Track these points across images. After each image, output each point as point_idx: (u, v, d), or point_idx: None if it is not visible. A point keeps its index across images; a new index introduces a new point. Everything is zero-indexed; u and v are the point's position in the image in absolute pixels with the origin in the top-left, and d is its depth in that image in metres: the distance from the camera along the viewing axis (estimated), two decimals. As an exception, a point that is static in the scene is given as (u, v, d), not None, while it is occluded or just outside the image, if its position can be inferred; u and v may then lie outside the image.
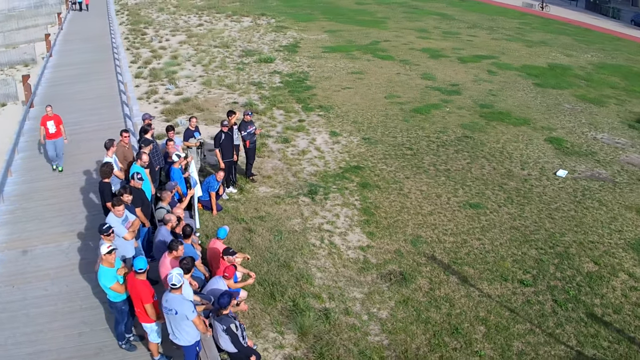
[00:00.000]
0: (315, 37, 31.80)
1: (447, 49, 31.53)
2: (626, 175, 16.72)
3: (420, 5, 46.91)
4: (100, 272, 7.69)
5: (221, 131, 13.06)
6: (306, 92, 21.87)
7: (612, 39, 41.75)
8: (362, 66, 26.27)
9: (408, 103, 21.56)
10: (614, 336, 10.00)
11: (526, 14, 49.95)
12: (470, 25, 40.03)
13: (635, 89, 27.00)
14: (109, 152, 10.99)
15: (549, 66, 30.01)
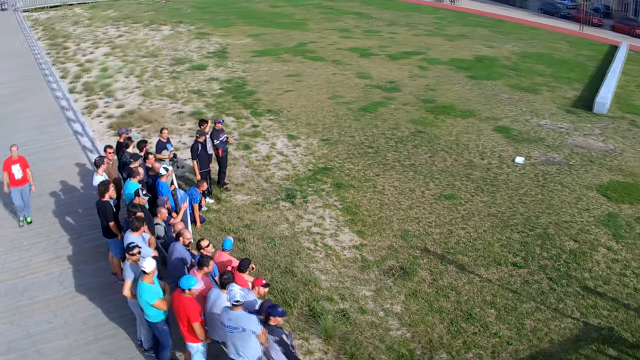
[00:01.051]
0: (240, 42, 32.28)
1: (374, 47, 33.04)
2: (578, 158, 18.55)
3: (335, 6, 48.70)
4: (141, 290, 7.67)
5: (197, 141, 13.16)
6: (250, 97, 22.22)
7: (526, 28, 45.50)
8: (296, 68, 26.99)
9: (353, 102, 22.48)
10: (610, 305, 11.25)
11: (439, 8, 53.18)
12: (388, 22, 42.11)
13: (562, 75, 29.78)
14: (99, 170, 10.79)
15: (476, 58, 32.28)
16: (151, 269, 7.61)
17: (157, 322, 7.82)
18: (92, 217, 12.52)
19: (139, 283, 7.72)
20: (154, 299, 7.65)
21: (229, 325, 7.20)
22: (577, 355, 9.87)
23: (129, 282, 8.17)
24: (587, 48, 39.54)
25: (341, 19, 41.87)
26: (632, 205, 15.39)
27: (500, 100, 24.49)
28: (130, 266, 8.08)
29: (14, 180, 12.03)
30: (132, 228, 8.64)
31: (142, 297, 7.67)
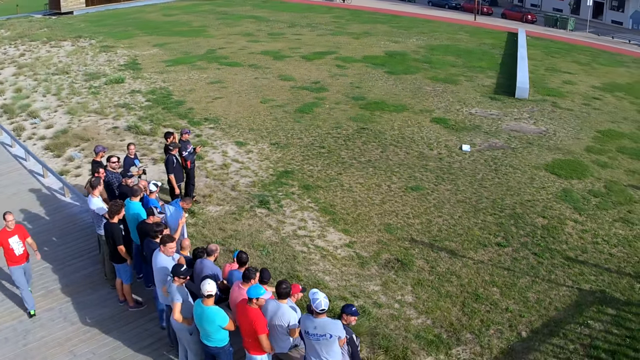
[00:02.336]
0: (148, 53, 32.00)
1: (285, 50, 34.02)
2: (517, 141, 20.49)
3: (229, 11, 49.45)
4: (211, 314, 7.60)
5: (171, 154, 13.21)
6: (180, 107, 22.23)
7: (423, 22, 48.59)
8: (216, 75, 27.26)
9: (287, 105, 23.18)
10: (594, 270, 12.82)
11: (332, 7, 55.35)
12: (289, 24, 43.41)
13: (474, 64, 32.33)
14: (95, 192, 10.52)
15: (387, 54, 34.17)
16: (215, 291, 7.67)
17: (224, 346, 7.89)
18: (72, 244, 12.20)
19: (206, 308, 7.68)
20: (226, 321, 7.72)
21: (315, 334, 7.30)
22: (582, 318, 11.18)
23: (179, 305, 8.05)
24: (487, 37, 42.96)
25: (240, 24, 42.63)
26: (580, 179, 17.34)
27: (426, 92, 26.20)
28: (178, 288, 8.07)
29: (14, 257, 9.93)
30: (162, 244, 8.61)
31: (213, 322, 7.66)
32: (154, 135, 18.92)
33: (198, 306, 7.79)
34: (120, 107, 21.89)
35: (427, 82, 28.11)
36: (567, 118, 23.38)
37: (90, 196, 10.43)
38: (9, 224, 9.85)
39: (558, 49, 40.07)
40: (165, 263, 8.37)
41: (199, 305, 7.78)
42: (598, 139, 21.04)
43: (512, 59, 34.87)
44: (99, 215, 10.19)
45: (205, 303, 7.70)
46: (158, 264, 8.49)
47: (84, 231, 12.81)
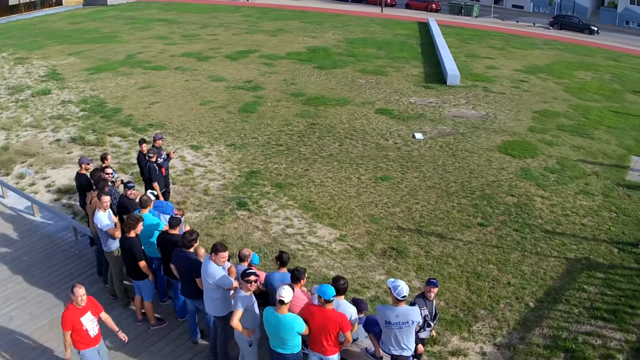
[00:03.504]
0: (66, 62, 31.01)
1: (206, 50, 34.02)
2: (463, 126, 21.84)
3: (135, 15, 48.63)
4: (290, 321, 7.52)
5: (151, 161, 13.15)
6: (118, 114, 21.81)
7: (332, 16, 49.94)
8: (144, 80, 26.89)
9: (228, 105, 23.33)
10: (573, 240, 14.11)
11: (239, 6, 55.74)
12: (201, 25, 43.37)
13: (396, 55, 33.80)
14: (102, 206, 10.31)
15: (309, 50, 34.97)
16: (290, 298, 7.69)
17: (299, 352, 7.86)
18: (61, 266, 11.81)
19: (282, 316, 7.54)
20: (304, 326, 7.67)
21: (397, 322, 7.58)
22: (577, 284, 12.33)
23: (239, 313, 7.89)
24: (399, 27, 44.82)
25: (151, 27, 42.15)
26: (533, 158, 18.82)
27: (361, 85, 27.15)
28: (245, 296, 7.95)
29: (88, 339, 8.04)
30: (214, 253, 8.63)
31: (292, 329, 7.56)
32: (103, 145, 18.46)
33: (271, 315, 7.64)
34: (56, 119, 21.10)
35: (359, 75, 29.00)
36: (502, 101, 25.01)
37: (97, 211, 10.16)
38: (79, 299, 7.84)
39: (471, 36, 42.47)
40: (216, 272, 8.40)
41: (272, 314, 7.63)
42: (537, 119, 22.73)
43: (430, 48, 36.66)
44: (106, 232, 9.98)
45: (280, 311, 7.59)
46: (210, 274, 8.47)
47: (69, 251, 12.40)
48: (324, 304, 7.49)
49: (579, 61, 34.83)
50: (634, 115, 23.71)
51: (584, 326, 10.99)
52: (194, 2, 55.76)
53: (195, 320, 9.38)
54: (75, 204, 14.68)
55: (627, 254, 13.32)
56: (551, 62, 33.97)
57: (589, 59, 35.70)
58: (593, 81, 29.55)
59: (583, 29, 49.36)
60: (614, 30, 51.81)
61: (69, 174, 16.30)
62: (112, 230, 9.56)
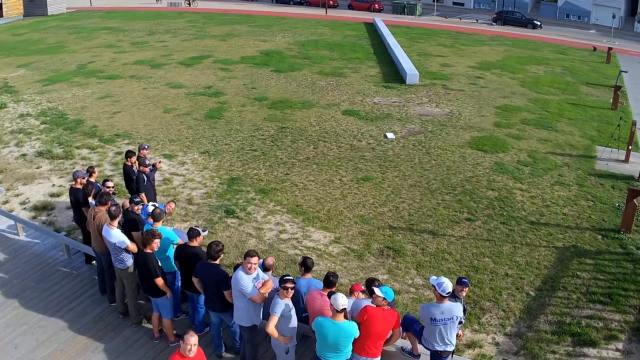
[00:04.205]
0: (16, 74, 30.14)
1: (158, 57, 33.74)
2: (431, 124, 22.54)
3: (78, 25, 47.78)
4: (348, 328, 7.58)
5: (141, 172, 13.12)
6: (81, 126, 21.47)
7: (278, 19, 50.42)
8: (101, 90, 26.52)
9: (193, 112, 23.29)
10: (558, 230, 14.88)
11: (182, 12, 55.34)
12: (147, 32, 42.95)
13: (350, 56, 34.42)
14: (114, 222, 10.03)
15: (262, 53, 35.20)
16: (345, 305, 7.68)
17: (350, 357, 7.96)
18: (58, 287, 11.51)
19: (341, 323, 7.58)
20: (358, 332, 7.83)
21: (442, 318, 7.85)
22: (570, 270, 13.04)
23: (275, 319, 7.91)
24: (346, 29, 45.54)
25: (96, 36, 41.47)
26: (505, 152, 19.64)
27: (322, 87, 27.55)
28: (283, 302, 7.97)
29: None
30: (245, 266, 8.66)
31: (350, 335, 7.64)
32: (72, 158, 18.17)
33: (329, 323, 7.63)
34: (17, 133, 20.53)
35: (318, 77, 29.39)
36: (463, 98, 25.88)
37: (108, 228, 10.06)
38: (189, 349, 7.04)
39: (419, 35, 43.56)
40: (241, 279, 8.47)
41: (330, 322, 7.63)
42: (500, 114, 23.65)
43: (382, 48, 37.42)
44: (121, 249, 9.92)
45: (338, 318, 7.45)
46: (237, 280, 8.57)
47: (63, 270, 12.13)
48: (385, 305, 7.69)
49: (528, 56, 36.25)
50: (590, 106, 24.95)
51: (584, 310, 11.60)
52: (136, 9, 55.04)
53: (219, 333, 9.39)
54: (56, 220, 14.40)
55: (610, 239, 14.11)
56: (502, 57, 35.25)
57: (538, 53, 37.21)
58: (546, 75, 30.85)
59: (526, 24, 51.33)
60: (555, 24, 54.10)
61: (43, 190, 16.02)
62: (131, 246, 9.48)
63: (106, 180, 11.61)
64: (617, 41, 45.22)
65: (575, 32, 49.51)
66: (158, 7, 56.10)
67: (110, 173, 16.96)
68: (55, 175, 16.92)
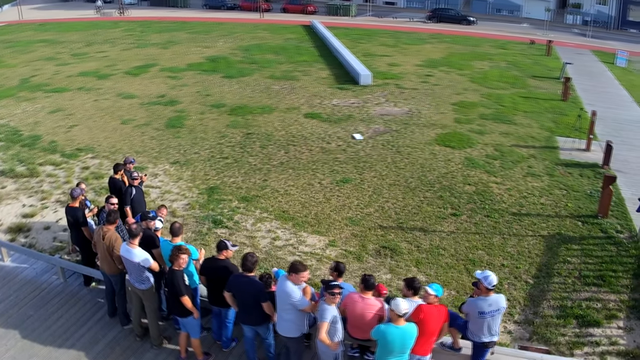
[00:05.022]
0: None
1: (102, 68, 33.07)
2: (394, 124, 23.18)
3: (12, 39, 46.14)
4: (412, 330, 7.71)
5: (131, 186, 13.05)
6: (39, 142, 20.87)
7: (215, 25, 50.49)
8: (51, 104, 25.81)
9: (151, 122, 23.03)
10: (540, 219, 15.68)
11: (117, 21, 54.41)
12: (86, 43, 42.00)
13: (297, 59, 34.88)
14: (135, 241, 9.47)
15: (209, 60, 35.15)
16: (407, 310, 7.80)
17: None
18: (60, 313, 11.08)
19: (404, 327, 7.69)
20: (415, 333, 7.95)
21: (490, 311, 8.17)
22: (561, 257, 13.81)
23: (326, 325, 7.95)
24: (286, 32, 45.90)
25: (33, 49, 40.17)
26: (472, 147, 20.45)
27: (277, 91, 27.80)
28: (330, 308, 8.02)
29: None
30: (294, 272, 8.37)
31: (413, 336, 7.79)
32: (37, 176, 17.68)
33: (393, 329, 7.59)
34: (-28, 152, 19.73)
35: (270, 82, 29.58)
36: (418, 97, 26.67)
37: (129, 247, 9.89)
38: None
39: (359, 35, 44.37)
40: (294, 292, 8.37)
41: (394, 328, 7.73)
42: (458, 111, 24.53)
43: (326, 50, 37.96)
44: (144, 268, 9.84)
45: (400, 323, 7.61)
46: (288, 294, 8.46)
47: (62, 295, 11.69)
48: (433, 301, 7.99)
49: (470, 52, 37.59)
50: (542, 99, 26.20)
51: (582, 293, 12.32)
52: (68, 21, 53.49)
53: (254, 347, 9.35)
54: (36, 242, 14.06)
55: (591, 225, 15.00)
56: (445, 55, 36.40)
57: (479, 49, 38.64)
58: (492, 70, 32.13)
59: (461, 20, 53.08)
60: (488, 19, 56.17)
61: (14, 211, 15.56)
62: (154, 265, 9.42)
63: (109, 196, 11.38)
64: (551, 33, 47.40)
65: (509, 26, 51.61)
66: (91, 18, 54.71)
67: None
68: (24, 194, 16.43)
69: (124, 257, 9.29)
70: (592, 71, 33.69)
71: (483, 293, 8.22)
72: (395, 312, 7.62)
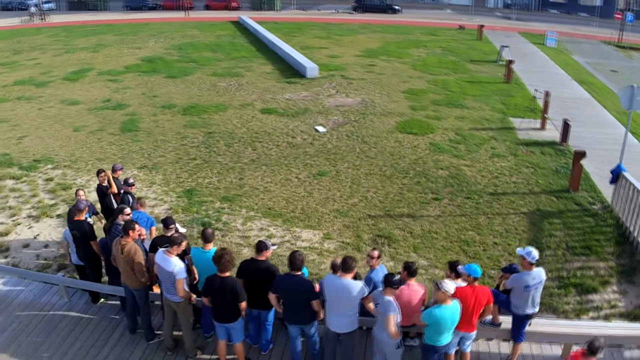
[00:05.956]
0: None
1: (37, 76, 31.45)
2: (351, 114, 23.56)
3: None
4: (457, 307, 8.01)
5: (127, 193, 12.87)
6: (-8, 153, 19.94)
7: (141, 25, 49.24)
8: (-6, 114, 24.61)
9: (105, 128, 22.26)
10: (517, 197, 16.41)
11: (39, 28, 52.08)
12: (12, 51, 39.83)
13: (236, 55, 34.78)
14: (174, 250, 8.98)
15: (145, 61, 34.44)
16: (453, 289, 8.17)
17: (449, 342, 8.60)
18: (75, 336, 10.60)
19: (452, 305, 7.96)
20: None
21: (534, 284, 8.75)
22: (546, 231, 14.54)
23: (394, 317, 8.09)
24: (216, 29, 45.48)
25: None
26: (434, 133, 21.11)
27: (225, 88, 27.61)
28: (392, 300, 8.18)
29: None
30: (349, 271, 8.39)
31: (459, 313, 8.12)
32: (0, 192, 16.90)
33: (447, 310, 7.92)
34: None
35: (215, 79, 29.30)
36: (367, 87, 27.14)
37: (167, 256, 9.44)
38: None
39: (290, 29, 44.56)
40: (357, 286, 8.47)
41: (445, 308, 7.92)
42: (410, 98, 25.17)
43: (262, 45, 37.89)
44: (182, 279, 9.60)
45: (448, 302, 7.96)
46: (354, 289, 8.48)
47: (70, 315, 11.06)
48: (472, 282, 8.35)
49: (404, 40, 38.47)
50: (486, 82, 27.24)
51: (573, 263, 13.06)
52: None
53: (300, 346, 9.33)
54: (19, 261, 13.43)
55: (565, 199, 15.85)
56: (381, 44, 37.10)
57: (412, 37, 39.61)
58: (430, 57, 33.05)
59: (386, 9, 54.04)
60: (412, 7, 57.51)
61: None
62: (179, 281, 9.26)
63: (122, 207, 11.05)
64: (476, 18, 49.09)
65: (433, 13, 53.11)
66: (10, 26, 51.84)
67: (52, 202, 16.01)
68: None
69: (159, 265, 9.07)
70: (526, 53, 35.22)
71: (526, 268, 8.67)
72: (445, 293, 7.93)
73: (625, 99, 14.36)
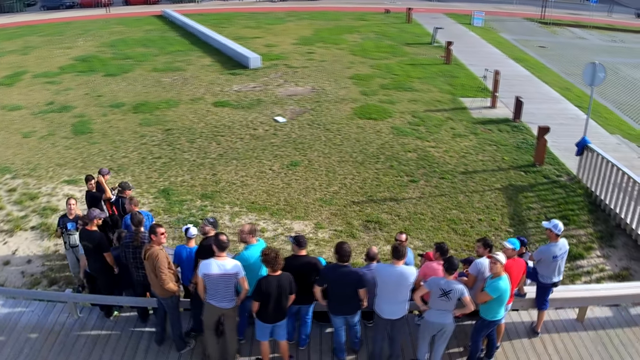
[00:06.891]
0: None
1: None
2: (306, 103, 23.54)
3: None
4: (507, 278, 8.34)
5: (120, 197, 12.52)
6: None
7: (64, 24, 47.28)
8: None
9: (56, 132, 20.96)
10: (487, 174, 16.95)
11: None
12: None
13: (170, 49, 34.12)
14: (223, 254, 8.40)
15: (79, 60, 33.07)
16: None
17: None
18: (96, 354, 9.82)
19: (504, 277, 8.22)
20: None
21: (561, 254, 9.07)
22: (523, 204, 15.17)
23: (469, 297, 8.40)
24: (142, 24, 44.30)
25: None
26: (392, 117, 21.44)
27: (170, 84, 26.94)
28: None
29: None
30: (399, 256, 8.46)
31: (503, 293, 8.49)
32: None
33: (503, 281, 8.28)
34: None
35: (158, 75, 28.52)
36: (313, 74, 27.17)
37: (220, 261, 8.48)
38: None
39: (218, 20, 43.91)
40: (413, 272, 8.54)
41: (501, 280, 8.29)
42: (359, 84, 25.39)
43: (195, 38, 37.14)
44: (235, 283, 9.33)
45: (503, 274, 8.43)
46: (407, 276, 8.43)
47: (84, 334, 10.14)
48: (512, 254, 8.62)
49: (335, 26, 38.63)
50: (427, 64, 27.84)
51: (557, 234, 13.64)
52: None
53: (344, 337, 9.22)
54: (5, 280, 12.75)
55: (532, 173, 16.54)
56: (313, 31, 37.08)
57: (343, 23, 39.80)
58: (366, 42, 33.37)
59: (300, -5, 53.80)
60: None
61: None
62: (243, 279, 9.06)
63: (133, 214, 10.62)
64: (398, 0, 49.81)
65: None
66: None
67: (22, 214, 15.21)
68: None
69: (218, 275, 8.66)
70: (456, 33, 36.14)
71: (552, 239, 9.08)
72: (500, 265, 8.20)
73: (588, 76, 15.03)
